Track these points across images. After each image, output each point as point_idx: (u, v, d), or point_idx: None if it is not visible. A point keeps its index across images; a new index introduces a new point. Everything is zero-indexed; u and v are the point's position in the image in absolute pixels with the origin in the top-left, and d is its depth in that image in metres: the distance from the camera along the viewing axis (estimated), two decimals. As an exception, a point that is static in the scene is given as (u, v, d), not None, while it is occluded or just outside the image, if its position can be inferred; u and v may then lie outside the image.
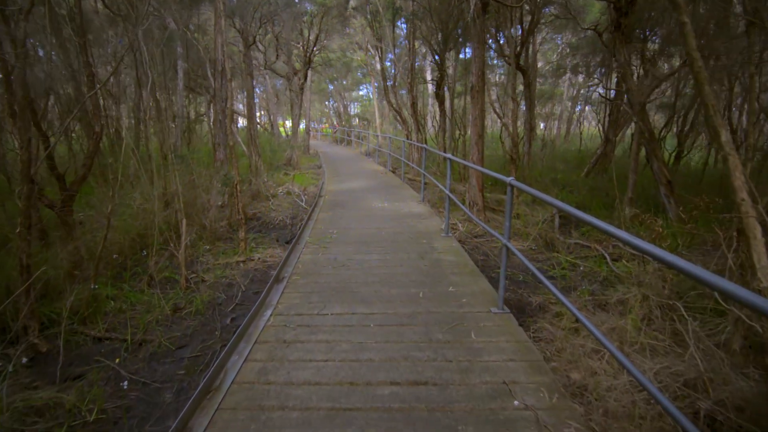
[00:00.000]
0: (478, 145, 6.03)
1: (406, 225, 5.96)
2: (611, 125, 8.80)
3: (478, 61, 5.78)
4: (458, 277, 4.00)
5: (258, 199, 7.53)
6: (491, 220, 6.35)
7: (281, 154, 14.22)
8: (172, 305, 3.46)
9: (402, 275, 4.04)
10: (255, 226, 6.11)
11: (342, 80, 27.42)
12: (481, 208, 6.27)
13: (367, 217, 6.50)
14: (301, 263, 4.39)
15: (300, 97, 12.35)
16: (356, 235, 5.48)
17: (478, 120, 5.98)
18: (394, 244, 5.07)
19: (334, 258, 4.56)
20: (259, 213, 6.67)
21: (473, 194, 6.25)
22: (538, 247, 5.27)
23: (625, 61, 5.89)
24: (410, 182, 10.48)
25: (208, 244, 4.94)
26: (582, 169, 11.35)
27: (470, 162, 6.13)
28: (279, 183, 8.95)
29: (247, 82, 9.51)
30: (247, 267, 4.41)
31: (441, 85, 11.65)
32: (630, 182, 5.91)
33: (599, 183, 8.73)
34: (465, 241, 5.59)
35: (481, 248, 5.31)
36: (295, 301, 3.48)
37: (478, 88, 5.85)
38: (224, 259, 4.56)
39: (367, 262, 4.41)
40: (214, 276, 4.12)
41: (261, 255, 4.70)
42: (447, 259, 4.51)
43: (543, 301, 3.69)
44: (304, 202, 7.74)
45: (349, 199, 7.88)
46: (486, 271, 4.53)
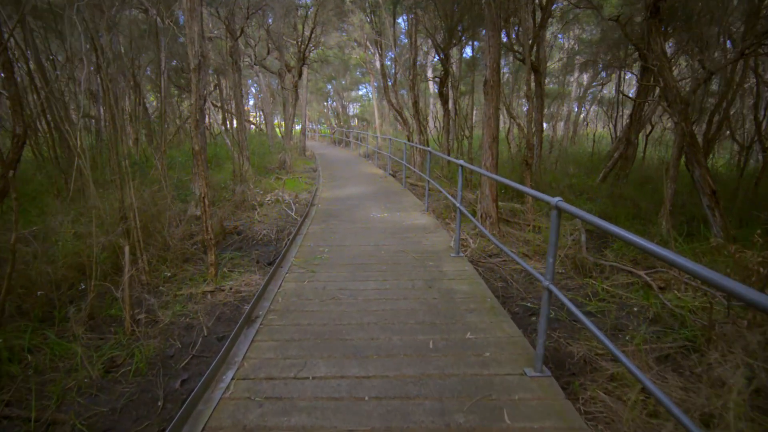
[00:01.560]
0: (492, 149, 5.22)
1: (409, 241, 5.15)
2: (633, 125, 8.00)
3: (492, 51, 4.97)
4: (476, 316, 3.19)
5: (243, 209, 6.72)
6: (506, 234, 5.54)
7: (275, 157, 13.42)
8: (105, 361, 2.65)
9: (406, 313, 3.23)
10: (234, 242, 5.30)
11: (341, 80, 26.63)
12: (495, 221, 5.47)
13: (364, 230, 5.69)
14: (281, 295, 3.57)
15: (294, 96, 11.55)
16: (351, 254, 4.67)
17: (492, 120, 5.17)
18: (395, 266, 4.26)
19: (322, 287, 3.75)
20: (241, 226, 5.86)
21: (486, 205, 5.44)
22: (566, 270, 4.46)
23: (661, 52, 5.09)
24: (412, 188, 9.67)
25: (172, 269, 4.12)
26: (596, 174, 10.55)
27: (483, 168, 5.33)
28: (268, 189, 8.14)
29: (235, 78, 8.71)
30: (215, 300, 3.60)
31: (444, 83, 10.85)
32: (668, 192, 5.10)
33: (621, 190, 7.92)
34: (478, 261, 4.78)
35: (497, 271, 4.50)
36: (268, 356, 2.67)
37: (493, 82, 5.04)
38: (189, 289, 3.74)
39: (362, 294, 3.60)
40: (171, 314, 3.31)
41: (234, 283, 3.88)
42: (460, 289, 3.70)
43: (587, 352, 2.87)
44: (294, 211, 6.93)
45: (344, 208, 7.07)
46: (507, 304, 3.73)
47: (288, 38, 12.24)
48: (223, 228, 5.35)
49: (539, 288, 4.04)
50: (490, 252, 5.05)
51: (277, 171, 11.34)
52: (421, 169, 10.53)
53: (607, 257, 4.78)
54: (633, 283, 4.07)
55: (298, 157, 16.12)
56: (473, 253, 4.99)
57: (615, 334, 3.19)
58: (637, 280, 4.09)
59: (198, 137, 3.75)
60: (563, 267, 4.50)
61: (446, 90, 10.97)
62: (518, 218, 6.49)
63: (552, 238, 2.25)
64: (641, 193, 7.79)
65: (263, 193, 7.50)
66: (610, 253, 4.95)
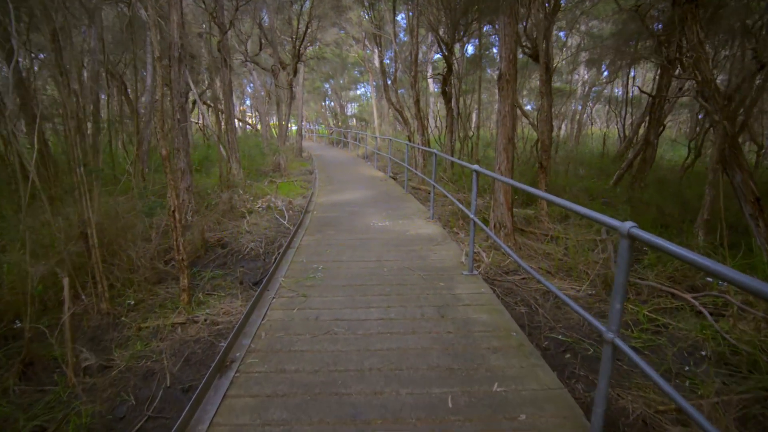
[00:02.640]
0: (507, 152, 4.64)
1: (415, 255, 4.57)
2: (652, 125, 7.44)
3: (508, 40, 4.39)
4: (502, 357, 2.60)
5: (230, 217, 6.12)
6: (523, 246, 4.96)
7: (270, 159, 12.82)
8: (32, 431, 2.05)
9: (416, 354, 2.64)
10: (218, 257, 4.71)
11: (338, 79, 26.04)
12: (510, 232, 4.89)
13: (364, 241, 5.10)
14: (265, 328, 2.98)
15: (289, 95, 10.96)
16: (349, 272, 4.08)
17: (508, 118, 4.59)
18: (400, 288, 3.68)
19: (315, 317, 3.16)
20: (226, 237, 5.26)
21: (500, 214, 4.86)
22: (596, 290, 3.88)
23: (698, 42, 4.51)
24: (414, 191, 9.09)
25: (141, 293, 3.53)
26: (607, 175, 9.99)
27: (497, 173, 4.75)
28: (260, 195, 7.54)
29: (224, 75, 8.12)
30: (186, 334, 3.00)
31: (448, 81, 10.28)
32: (707, 200, 4.53)
33: (641, 194, 7.35)
34: (494, 279, 4.19)
35: (517, 292, 3.92)
36: (242, 420, 2.08)
37: (509, 76, 4.46)
38: (156, 320, 3.15)
39: (362, 326, 3.01)
40: (130, 355, 2.71)
41: (211, 311, 3.29)
42: (479, 318, 3.11)
43: (645, 409, 2.29)
44: (287, 219, 6.34)
45: (342, 216, 6.48)
46: (535, 336, 3.14)
47: (282, 34, 11.66)
48: (204, 241, 4.76)
49: (570, 314, 3.46)
50: (507, 268, 4.47)
51: (271, 174, 10.74)
52: (423, 172, 9.95)
53: (639, 273, 4.20)
54: (678, 308, 3.49)
55: (294, 159, 15.53)
56: (488, 270, 4.41)
57: (671, 377, 2.61)
58: (682, 304, 3.51)
59: (164, 140, 3.14)
60: (593, 287, 3.91)
61: (449, 87, 10.40)
62: (533, 226, 5.91)
63: (619, 278, 1.67)
64: (662, 198, 7.22)
65: (253, 200, 6.90)
66: (642, 269, 4.38)
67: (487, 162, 11.04)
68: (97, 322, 3.15)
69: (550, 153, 6.24)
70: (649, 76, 20.00)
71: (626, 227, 1.60)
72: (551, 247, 4.97)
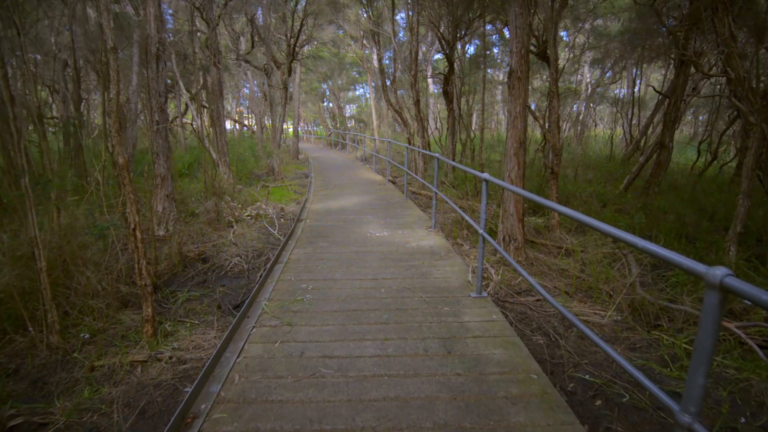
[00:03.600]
0: (518, 157, 4.19)
1: (416, 272, 4.11)
2: (667, 127, 6.99)
3: (520, 34, 3.94)
4: (523, 411, 2.14)
5: (216, 227, 5.66)
6: (535, 262, 4.50)
7: (264, 162, 12.37)
8: None
9: (419, 406, 2.18)
10: (197, 274, 4.24)
11: (336, 80, 25.60)
12: (520, 245, 4.43)
13: (359, 255, 4.64)
14: (239, 370, 2.52)
15: (284, 95, 10.50)
16: (342, 294, 3.62)
17: (519, 120, 4.13)
18: (400, 314, 3.22)
19: (299, 353, 2.70)
20: (208, 250, 4.79)
21: (510, 225, 4.40)
22: (623, 316, 3.42)
23: (730, 36, 4.07)
24: (414, 196, 8.63)
25: (101, 321, 3.06)
26: (615, 180, 9.55)
27: (508, 181, 4.29)
28: (250, 201, 7.08)
29: (213, 73, 7.66)
30: (145, 376, 2.54)
31: (449, 80, 9.83)
32: (740, 210, 4.08)
33: (656, 201, 6.90)
34: (505, 301, 3.74)
35: (533, 317, 3.46)
36: None
37: (521, 73, 4.01)
38: (113, 356, 2.68)
39: (355, 366, 2.55)
40: (73, 406, 2.25)
41: (180, 345, 2.83)
42: (492, 356, 2.65)
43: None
44: (277, 229, 5.88)
45: (337, 224, 6.02)
46: (558, 376, 2.68)
47: (277, 32, 11.21)
48: (182, 256, 4.29)
49: (593, 348, 3.01)
50: (519, 287, 4.01)
51: (264, 178, 10.28)
52: (423, 176, 9.49)
53: (668, 294, 3.74)
54: (720, 339, 3.04)
55: (290, 162, 15.08)
56: (497, 289, 3.95)
57: None
58: (724, 335, 3.05)
59: (120, 146, 2.67)
60: (619, 312, 3.45)
61: (451, 87, 9.95)
62: (543, 237, 5.46)
63: (704, 343, 1.20)
64: (678, 204, 6.78)
65: (242, 207, 6.44)
66: (668, 287, 3.92)
67: (490, 165, 10.58)
68: (43, 359, 2.68)
69: (561, 157, 5.79)
70: (655, 76, 19.60)
71: (717, 276, 1.14)
72: (566, 263, 4.51)
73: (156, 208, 5.35)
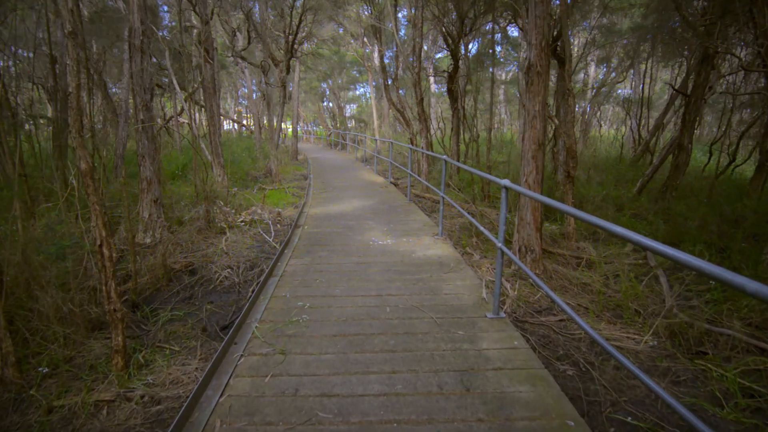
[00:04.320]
0: (536, 160, 3.80)
1: (424, 287, 3.72)
2: (686, 127, 6.60)
3: (540, 23, 3.55)
4: (565, 473, 1.76)
5: (207, 234, 5.27)
6: (554, 274, 4.11)
7: (263, 162, 11.98)
8: None
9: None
10: (183, 288, 3.85)
11: (336, 79, 25.21)
12: (538, 257, 4.04)
13: (361, 267, 4.25)
14: (222, 414, 2.13)
15: (282, 94, 10.12)
16: (342, 313, 3.23)
17: (538, 120, 3.75)
18: (408, 340, 2.83)
19: (294, 389, 2.31)
20: (197, 261, 4.41)
21: (527, 235, 4.02)
22: (660, 341, 3.03)
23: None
24: (418, 200, 8.25)
25: (68, 350, 2.67)
26: (625, 182, 9.16)
27: (524, 186, 3.91)
28: (245, 205, 6.69)
29: (206, 71, 7.27)
30: (111, 420, 2.16)
31: (454, 79, 9.45)
32: (783, 219, 3.69)
33: (676, 206, 6.51)
34: (525, 321, 3.35)
35: (558, 341, 3.07)
36: None
37: (540, 67, 3.62)
38: (76, 394, 2.30)
39: (358, 407, 2.16)
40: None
41: (155, 378, 2.44)
42: (518, 394, 2.27)
43: None
44: (273, 236, 5.49)
45: (337, 231, 5.64)
46: (595, 418, 2.30)
47: (275, 29, 10.82)
48: (166, 269, 3.90)
49: (631, 381, 2.62)
50: (539, 304, 3.62)
51: (261, 180, 9.90)
52: (427, 178, 9.10)
53: (705, 313, 3.36)
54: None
55: (289, 163, 14.70)
56: (514, 307, 3.56)
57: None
58: (780, 365, 2.67)
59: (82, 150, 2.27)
60: (655, 337, 3.06)
61: (456, 86, 9.57)
62: (559, 246, 5.07)
63: None
64: (699, 210, 6.39)
65: (235, 212, 6.05)
66: (704, 305, 3.54)
67: (495, 167, 10.19)
68: (-6, 399, 2.30)
69: (578, 160, 5.41)
70: (660, 75, 19.20)
71: None
72: (587, 276, 4.12)
73: (142, 215, 4.97)
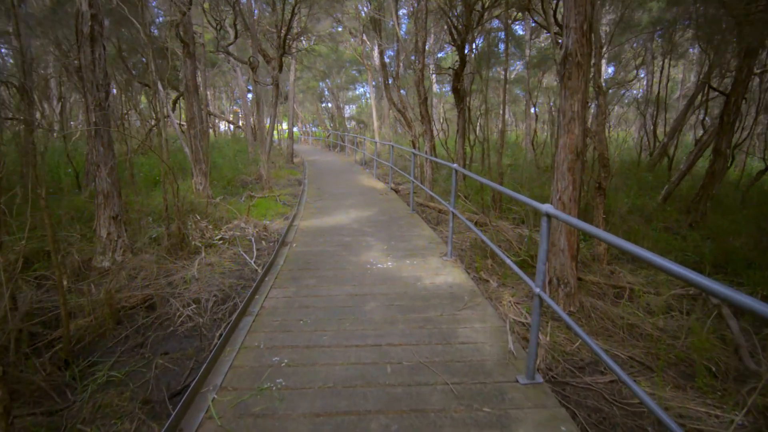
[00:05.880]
0: (573, 173, 3.06)
1: (435, 333, 2.96)
2: (724, 130, 5.86)
3: (581, 2, 2.81)
4: None
5: (179, 255, 4.52)
6: (593, 313, 3.35)
7: (255, 167, 11.24)
8: None
9: None
10: (133, 333, 3.10)
11: (335, 79, 24.46)
12: (573, 291, 3.29)
13: (356, 301, 3.50)
14: None
15: (275, 93, 9.37)
16: (329, 376, 2.48)
17: (577, 122, 3.01)
18: (418, 421, 2.08)
19: None
20: (160, 292, 3.65)
21: (560, 264, 3.27)
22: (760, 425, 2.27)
23: None
24: (421, 209, 7.50)
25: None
26: (649, 189, 8.42)
27: (558, 205, 3.15)
28: (227, 218, 5.93)
29: (186, 66, 6.52)
30: None
31: (460, 76, 8.70)
32: None
33: (713, 219, 5.77)
34: (565, 383, 2.60)
35: (613, 415, 2.31)
36: None
37: (581, 57, 2.88)
38: None
39: None
40: None
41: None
42: None
43: None
44: (255, 256, 4.74)
45: (330, 250, 4.88)
46: None
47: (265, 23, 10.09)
48: (113, 309, 3.14)
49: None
50: (579, 356, 2.86)
51: (251, 185, 9.15)
52: (432, 186, 8.36)
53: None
54: None
55: (284, 166, 13.97)
56: (549, 359, 2.80)
57: None
58: None
59: None
60: (745, 413, 2.30)
61: (462, 85, 8.82)
62: (590, 270, 4.31)
63: None
64: (737, 223, 5.65)
65: (213, 228, 5.29)
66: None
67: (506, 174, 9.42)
68: None
69: (610, 169, 4.66)
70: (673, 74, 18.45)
71: None
72: (633, 312, 3.37)
73: (99, 234, 4.22)
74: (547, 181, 8.45)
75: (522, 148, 17.07)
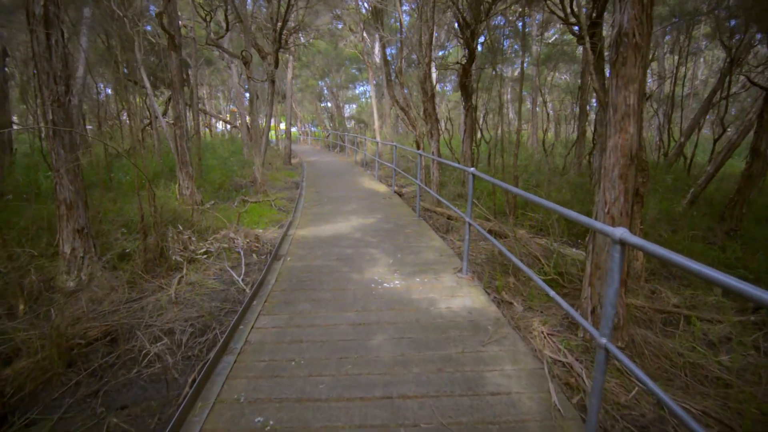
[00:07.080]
0: (625, 181, 2.50)
1: (458, 380, 2.40)
2: (765, 128, 5.30)
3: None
4: None
5: (157, 272, 3.95)
6: (646, 349, 2.78)
7: (250, 169, 10.67)
8: None
9: None
10: (88, 376, 2.54)
11: (335, 78, 23.88)
12: (622, 323, 2.73)
13: (360, 334, 2.94)
14: None
15: (270, 90, 8.81)
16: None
17: (632, 119, 2.45)
18: None
19: None
20: (126, 321, 3.08)
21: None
22: None
23: None
24: (428, 215, 6.93)
25: None
26: (671, 191, 7.86)
27: (607, 219, 2.59)
28: (214, 227, 5.36)
29: (172, 59, 5.95)
30: None
31: (468, 72, 8.12)
32: None
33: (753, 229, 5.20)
34: (628, 451, 2.03)
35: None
36: None
37: (639, 37, 2.31)
38: None
39: None
40: None
41: None
42: None
43: None
44: (243, 272, 4.18)
45: (328, 266, 4.32)
46: None
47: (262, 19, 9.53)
48: (63, 348, 2.58)
49: None
50: (636, 409, 2.30)
51: (245, 188, 8.58)
52: (439, 190, 7.80)
53: None
54: None
55: (282, 167, 13.40)
56: (600, 415, 2.24)
57: None
58: None
59: None
60: None
61: (470, 81, 8.25)
62: (628, 289, 3.74)
63: None
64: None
65: (198, 239, 4.72)
66: None
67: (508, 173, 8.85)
68: None
69: (649, 174, 4.10)
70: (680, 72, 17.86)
71: None
72: (691, 346, 2.81)
73: (62, 249, 3.65)
74: (565, 184, 7.88)
75: (527, 148, 16.49)
